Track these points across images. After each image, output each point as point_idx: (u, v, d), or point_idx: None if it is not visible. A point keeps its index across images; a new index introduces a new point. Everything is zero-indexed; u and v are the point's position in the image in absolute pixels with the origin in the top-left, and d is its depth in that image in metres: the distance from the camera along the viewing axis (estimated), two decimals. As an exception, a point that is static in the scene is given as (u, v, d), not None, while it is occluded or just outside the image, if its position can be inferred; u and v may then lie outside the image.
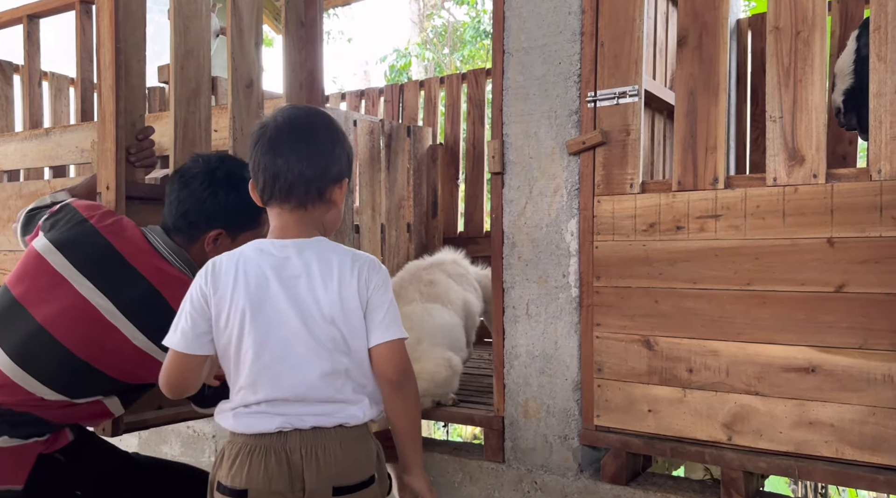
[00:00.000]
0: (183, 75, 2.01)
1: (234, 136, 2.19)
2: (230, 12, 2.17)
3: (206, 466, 2.70)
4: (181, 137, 2.01)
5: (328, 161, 1.29)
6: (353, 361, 1.28)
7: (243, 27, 2.20)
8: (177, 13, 2.00)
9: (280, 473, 1.21)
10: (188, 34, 2.02)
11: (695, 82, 1.79)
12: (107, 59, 1.82)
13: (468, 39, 9.22)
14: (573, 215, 1.95)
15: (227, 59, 2.19)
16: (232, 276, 1.25)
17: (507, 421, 2.05)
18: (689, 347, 1.78)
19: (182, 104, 2.01)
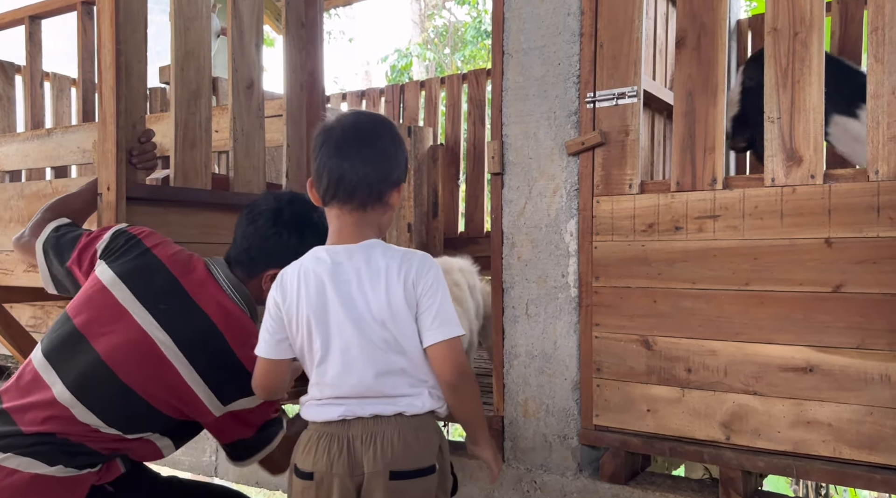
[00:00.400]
0: (183, 77, 2.02)
1: (235, 137, 2.20)
2: (230, 14, 2.18)
3: (207, 466, 2.72)
4: (181, 138, 2.02)
5: (391, 165, 1.34)
6: (409, 360, 1.32)
7: (244, 28, 2.21)
8: (177, 14, 2.01)
9: (341, 457, 1.29)
10: (188, 35, 2.03)
11: (693, 83, 1.79)
12: (107, 60, 1.83)
13: (469, 39, 9.22)
14: (572, 216, 1.96)
15: (227, 61, 2.20)
16: (296, 285, 1.32)
17: (507, 421, 2.05)
18: (687, 346, 1.79)
19: (182, 105, 2.02)
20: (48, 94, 3.94)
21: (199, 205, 2.10)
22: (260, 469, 2.53)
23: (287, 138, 2.41)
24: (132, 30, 1.88)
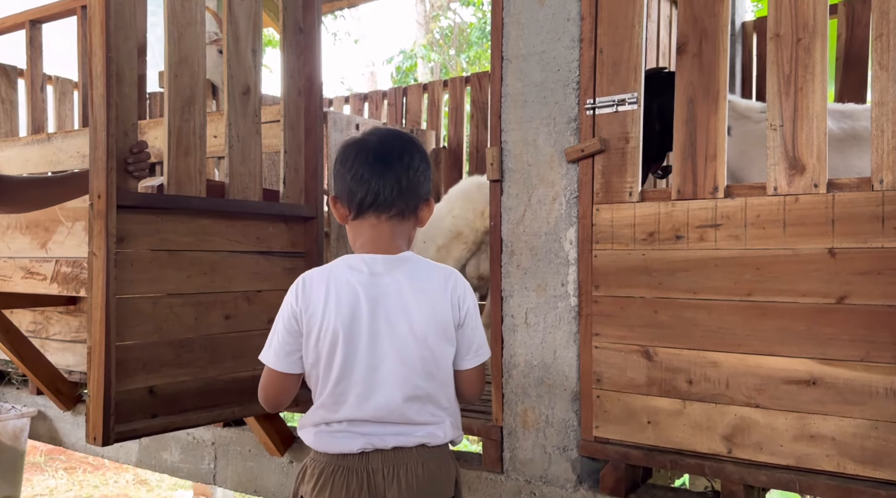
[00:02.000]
0: (177, 83, 2.00)
1: (231, 143, 2.18)
2: (226, 19, 2.16)
3: (206, 473, 2.70)
4: (175, 146, 2.00)
5: (423, 179, 1.33)
6: (437, 383, 1.28)
7: (239, 34, 2.19)
8: (171, 21, 1.99)
9: (361, 494, 1.22)
10: (182, 42, 2.01)
11: (694, 90, 1.76)
12: (98, 68, 1.81)
13: (474, 40, 9.19)
14: (572, 224, 1.93)
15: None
16: (323, 294, 1.26)
17: (506, 431, 2.03)
18: (688, 358, 1.76)
19: (176, 112, 2.00)
20: (51, 97, 3.95)
21: (193, 212, 2.08)
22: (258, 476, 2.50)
23: (285, 144, 2.39)
24: (124, 37, 1.86)
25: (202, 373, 2.12)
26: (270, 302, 2.30)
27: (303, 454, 2.49)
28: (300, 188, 2.45)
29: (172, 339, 2.02)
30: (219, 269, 2.12)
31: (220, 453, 2.70)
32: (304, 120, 2.43)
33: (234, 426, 2.66)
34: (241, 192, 2.20)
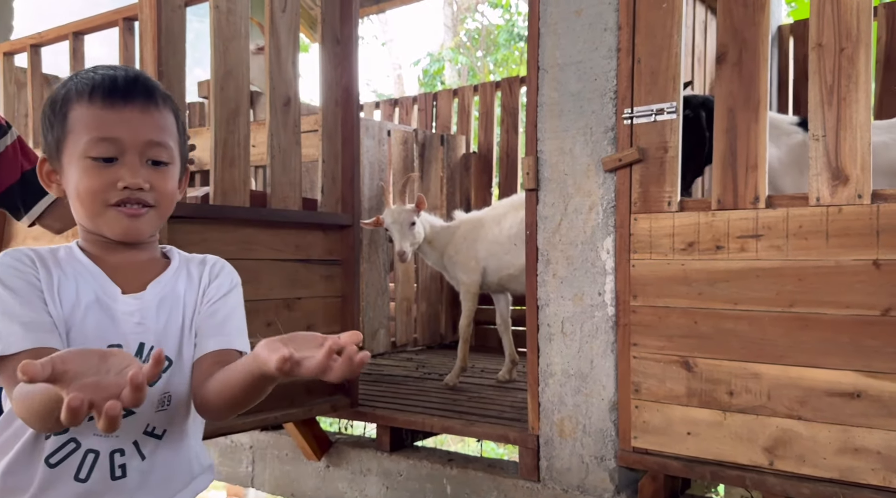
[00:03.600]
0: (223, 96, 2.04)
1: (272, 153, 2.22)
2: (268, 32, 2.20)
3: (245, 476, 2.75)
4: (221, 157, 2.05)
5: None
6: None
7: (280, 46, 2.23)
8: (216, 34, 2.04)
9: None
10: (228, 55, 2.05)
11: (734, 100, 1.75)
12: None
13: (502, 43, 9.19)
14: (609, 233, 1.93)
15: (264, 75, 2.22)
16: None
17: (542, 440, 2.03)
18: (729, 369, 1.75)
19: (222, 124, 2.04)
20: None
21: (238, 221, 2.12)
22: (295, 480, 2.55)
23: (323, 154, 2.43)
24: (172, 51, 1.91)
25: (244, 379, 2.16)
26: (309, 309, 2.34)
27: (339, 459, 2.53)
28: (337, 197, 2.48)
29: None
30: (261, 277, 2.17)
31: (257, 457, 2.74)
32: (341, 130, 2.46)
33: (271, 430, 2.71)
34: (282, 201, 2.24)
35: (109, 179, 0.89)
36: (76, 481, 0.89)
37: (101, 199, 0.89)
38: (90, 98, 0.89)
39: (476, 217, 3.21)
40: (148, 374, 0.67)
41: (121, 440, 0.91)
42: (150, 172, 0.91)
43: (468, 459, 2.36)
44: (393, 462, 2.42)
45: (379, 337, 3.84)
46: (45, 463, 0.88)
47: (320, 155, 2.44)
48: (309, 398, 2.37)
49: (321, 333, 0.84)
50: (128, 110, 0.90)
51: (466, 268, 3.06)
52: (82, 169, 0.89)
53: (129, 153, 0.90)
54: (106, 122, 0.89)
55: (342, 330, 2.61)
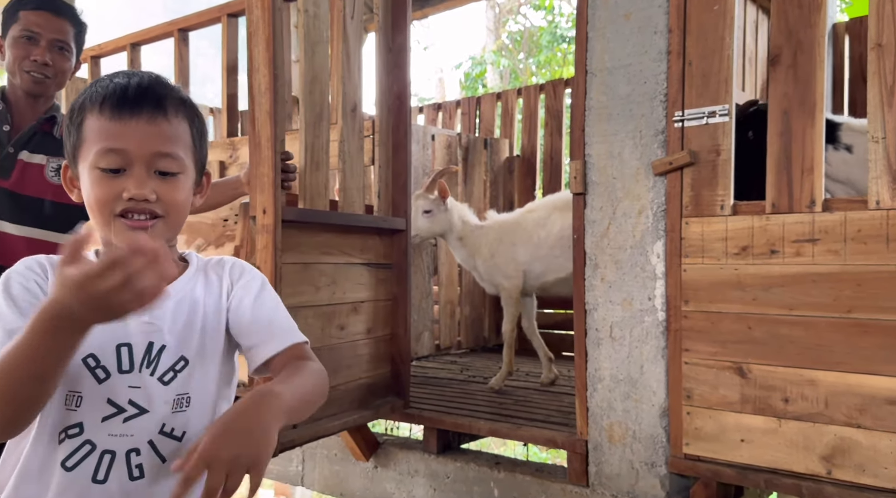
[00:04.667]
0: (311, 100, 2.05)
1: (343, 159, 2.24)
2: (341, 38, 2.22)
3: (294, 475, 2.81)
4: (309, 161, 2.05)
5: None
6: None
7: (350, 52, 2.25)
8: (306, 38, 2.03)
9: None
10: (315, 59, 2.05)
11: (789, 102, 1.72)
12: (263, 84, 1.82)
13: (545, 44, 9.16)
14: (659, 237, 1.92)
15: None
16: None
17: (591, 445, 2.03)
18: (784, 375, 1.72)
19: (310, 129, 2.04)
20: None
21: (319, 226, 2.12)
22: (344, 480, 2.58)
23: (378, 159, 2.46)
24: (280, 52, 1.90)
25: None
26: (369, 312, 2.38)
27: (388, 460, 2.56)
28: (389, 202, 2.52)
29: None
30: (337, 280, 2.19)
31: (307, 456, 2.80)
32: (392, 136, 2.50)
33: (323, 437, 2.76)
34: (350, 206, 2.27)
35: (116, 190, 0.90)
36: (94, 483, 0.89)
37: (109, 210, 0.91)
38: (100, 109, 0.91)
39: (511, 219, 3.13)
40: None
41: (135, 439, 0.91)
42: (158, 183, 0.92)
43: (515, 462, 2.36)
44: (440, 464, 2.44)
45: (423, 340, 3.87)
46: (61, 467, 0.89)
47: (375, 161, 2.47)
48: (372, 400, 2.39)
49: (378, 335, 0.87)
50: (135, 121, 0.90)
51: (506, 272, 3.02)
52: (92, 179, 0.91)
53: (137, 164, 0.91)
54: (113, 133, 0.90)
55: (394, 332, 2.63)
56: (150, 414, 0.92)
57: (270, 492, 5.29)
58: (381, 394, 2.45)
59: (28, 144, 1.76)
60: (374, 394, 2.41)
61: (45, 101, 1.80)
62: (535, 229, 2.99)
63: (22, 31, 1.72)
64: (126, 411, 0.91)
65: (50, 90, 1.79)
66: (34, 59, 1.72)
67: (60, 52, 1.76)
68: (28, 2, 1.73)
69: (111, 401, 0.90)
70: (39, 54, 1.72)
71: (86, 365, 0.90)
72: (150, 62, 3.57)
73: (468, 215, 3.17)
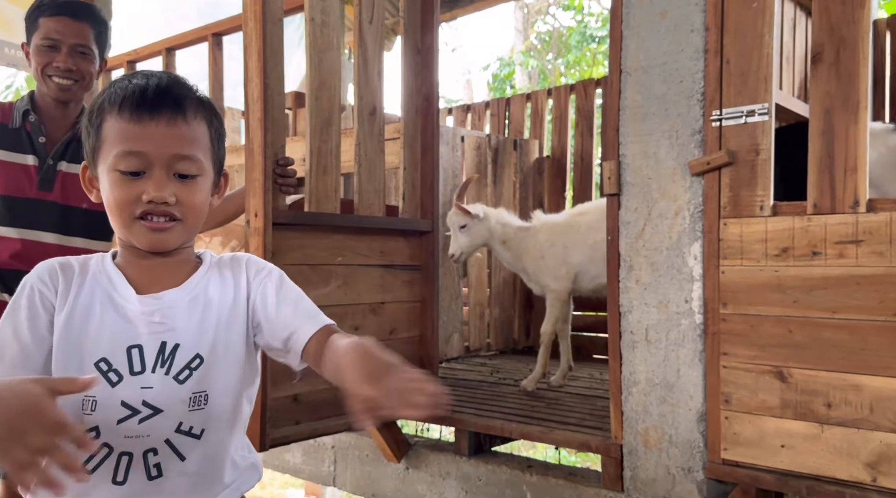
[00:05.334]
0: (317, 106, 2.10)
1: (360, 161, 2.27)
2: (356, 43, 2.25)
3: (327, 476, 2.82)
4: (315, 165, 2.10)
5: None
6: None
7: (368, 57, 2.28)
8: (312, 45, 2.08)
9: None
10: (322, 66, 2.10)
11: (832, 100, 1.68)
12: (255, 93, 1.91)
13: (574, 44, 9.10)
14: (696, 238, 1.88)
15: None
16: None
17: (626, 449, 2.00)
18: (827, 380, 1.68)
19: (316, 134, 2.10)
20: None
21: (329, 228, 2.17)
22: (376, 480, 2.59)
23: (404, 161, 2.47)
24: (274, 63, 1.97)
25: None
26: (392, 314, 2.39)
27: (419, 461, 2.56)
28: (416, 204, 2.52)
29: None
30: (350, 282, 2.22)
31: (339, 457, 2.81)
32: (420, 138, 2.50)
33: (352, 431, 2.77)
34: (368, 208, 2.29)
35: (135, 192, 0.90)
36: (114, 485, 0.90)
37: (129, 212, 0.91)
38: (119, 111, 0.90)
39: (563, 221, 3.07)
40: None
41: (152, 439, 0.91)
42: (177, 186, 0.92)
43: (548, 466, 2.34)
44: (472, 466, 2.43)
45: (452, 341, 3.86)
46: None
47: (401, 162, 2.48)
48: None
49: (403, 337, 0.88)
50: (153, 124, 0.90)
51: (557, 274, 2.98)
52: (112, 181, 0.91)
53: (156, 167, 0.90)
54: (132, 136, 0.89)
55: (422, 334, 2.66)
56: (164, 413, 0.92)
57: (301, 492, 5.33)
58: (407, 395, 2.45)
59: (65, 155, 1.77)
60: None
61: (76, 106, 1.82)
62: (588, 232, 2.92)
63: (43, 38, 1.73)
64: (140, 413, 0.91)
65: (77, 95, 1.80)
66: (57, 66, 1.73)
67: (83, 57, 1.77)
68: (46, 8, 1.74)
69: (125, 403, 0.90)
70: (62, 61, 1.73)
71: (98, 369, 0.90)
72: (184, 66, 3.63)
73: (507, 217, 3.11)
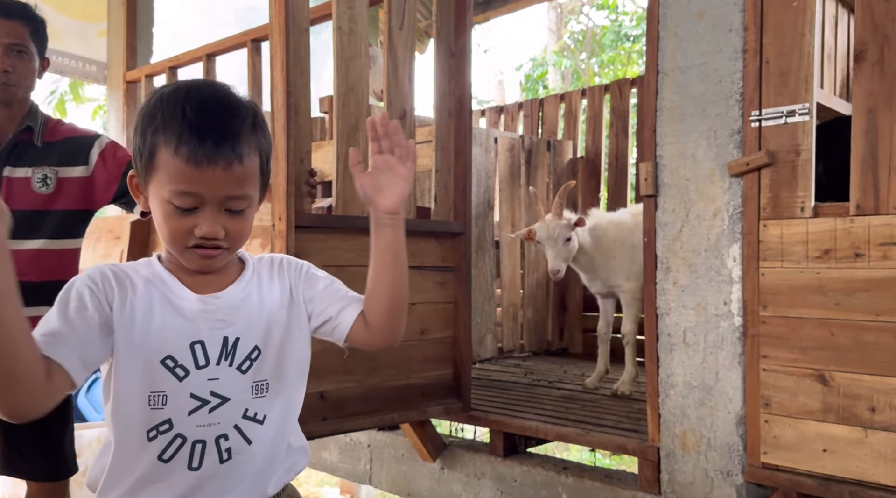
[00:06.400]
0: (344, 112, 2.14)
1: (390, 164, 2.30)
2: (386, 49, 2.29)
3: (363, 474, 2.86)
4: (342, 170, 2.15)
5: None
6: None
7: (398, 62, 2.31)
8: (338, 54, 2.13)
9: None
10: (349, 73, 2.15)
11: (875, 100, 1.65)
12: (279, 101, 1.98)
13: (608, 44, 9.03)
14: (735, 240, 1.87)
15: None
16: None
17: (663, 452, 1.99)
18: (870, 384, 1.65)
19: (343, 138, 2.14)
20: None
21: (357, 231, 2.21)
22: (411, 480, 2.61)
23: (436, 164, 2.49)
24: (300, 72, 2.03)
25: (364, 380, 2.25)
26: (423, 314, 2.41)
27: (454, 462, 2.58)
28: (449, 206, 2.54)
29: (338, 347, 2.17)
30: (378, 283, 2.25)
31: (375, 456, 2.84)
32: (454, 140, 2.52)
33: (388, 430, 2.80)
34: (398, 210, 2.32)
35: (188, 226, 0.94)
36: (190, 470, 0.97)
37: (182, 242, 0.96)
38: (176, 150, 0.92)
39: (629, 221, 3.03)
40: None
41: (222, 426, 0.98)
42: (226, 220, 0.96)
43: (584, 468, 2.34)
44: (507, 467, 2.44)
45: (486, 342, 3.87)
46: (158, 460, 0.95)
47: (433, 165, 2.50)
48: (424, 401, 2.44)
49: (436, 337, 0.96)
50: (211, 170, 0.92)
51: (628, 274, 2.96)
52: (165, 212, 0.95)
53: (209, 205, 0.94)
54: (189, 178, 0.92)
55: (455, 335, 2.69)
56: (231, 401, 0.99)
57: (336, 490, 5.39)
58: (437, 396, 2.47)
59: (10, 159, 1.71)
60: (425, 395, 2.43)
61: (20, 106, 1.74)
62: None
63: None
64: (210, 402, 0.97)
65: (18, 95, 1.73)
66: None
67: (19, 56, 1.70)
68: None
69: (194, 395, 0.96)
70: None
71: (165, 366, 0.96)
72: (224, 71, 3.71)
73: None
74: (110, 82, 4.35)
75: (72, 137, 1.81)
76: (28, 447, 1.72)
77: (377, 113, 1.17)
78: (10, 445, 1.72)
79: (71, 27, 4.28)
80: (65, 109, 8.67)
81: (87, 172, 1.78)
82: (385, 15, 2.32)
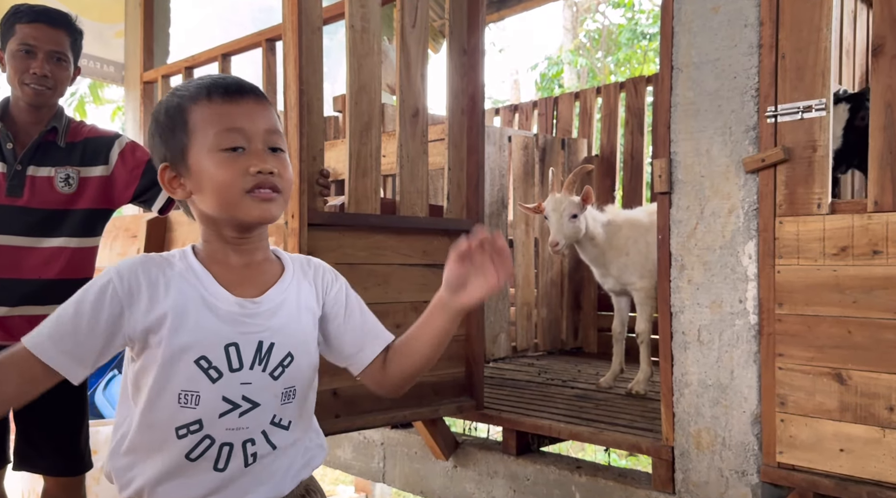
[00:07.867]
0: (357, 110, 2.15)
1: (401, 163, 2.30)
2: (398, 48, 2.29)
3: (376, 472, 2.86)
4: (355, 168, 2.15)
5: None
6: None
7: (410, 61, 2.31)
8: (351, 52, 2.14)
9: None
10: (362, 71, 2.15)
11: (893, 94, 1.63)
12: (292, 100, 1.99)
13: (624, 42, 8.98)
14: (751, 237, 1.85)
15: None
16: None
17: (677, 451, 1.97)
18: (888, 382, 1.62)
19: (356, 137, 2.15)
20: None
21: (369, 228, 2.22)
22: (424, 477, 2.61)
23: (449, 162, 2.49)
24: (312, 70, 2.04)
25: (377, 378, 2.26)
26: (437, 312, 2.41)
27: (467, 460, 2.57)
28: (462, 204, 2.53)
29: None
30: (391, 280, 2.25)
31: (388, 454, 2.85)
32: (466, 138, 2.51)
33: (401, 429, 2.80)
34: (410, 208, 2.32)
35: (242, 167, 0.95)
36: (216, 471, 0.98)
37: (238, 188, 0.95)
38: (209, 97, 0.97)
39: (645, 219, 3.01)
40: None
41: (250, 431, 0.99)
42: (273, 159, 0.98)
43: (597, 467, 2.32)
44: (520, 466, 2.43)
45: (500, 341, 3.86)
46: (186, 459, 0.96)
47: (446, 163, 2.50)
48: (437, 399, 2.43)
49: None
50: (245, 102, 0.97)
51: (642, 272, 2.94)
52: (216, 162, 0.95)
53: (254, 141, 0.96)
54: (230, 114, 0.96)
55: (467, 333, 2.69)
56: (261, 407, 0.99)
57: (350, 488, 5.41)
58: (450, 394, 2.47)
59: (34, 158, 1.76)
60: (439, 393, 2.43)
61: (48, 110, 1.81)
62: None
63: (20, 44, 1.73)
64: (241, 407, 0.98)
65: (51, 100, 1.80)
66: (33, 72, 1.73)
67: (58, 63, 1.77)
68: (24, 14, 1.75)
69: (226, 398, 0.97)
70: (38, 67, 1.72)
71: (199, 366, 0.95)
72: (239, 71, 3.73)
73: (596, 214, 3.07)
74: (127, 83, 4.39)
75: (92, 137, 1.84)
76: (44, 443, 1.74)
77: (390, 110, 1.17)
78: (26, 442, 1.75)
79: (89, 28, 4.29)
80: (84, 111, 8.76)
81: (107, 172, 1.81)
82: (398, 13, 2.33)
